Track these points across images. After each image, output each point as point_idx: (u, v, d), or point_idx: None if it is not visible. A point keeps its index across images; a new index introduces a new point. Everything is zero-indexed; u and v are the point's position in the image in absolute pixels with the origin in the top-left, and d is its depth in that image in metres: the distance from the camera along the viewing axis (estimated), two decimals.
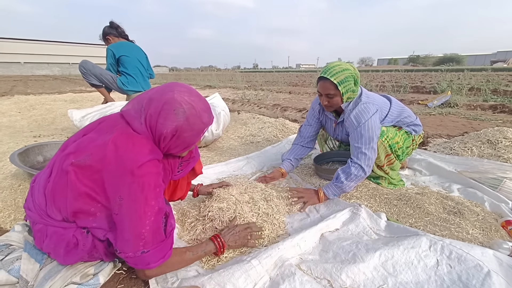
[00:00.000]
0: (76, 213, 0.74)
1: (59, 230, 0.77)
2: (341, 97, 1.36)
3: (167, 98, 0.75)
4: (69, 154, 0.75)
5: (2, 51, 32.26)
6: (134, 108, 0.78)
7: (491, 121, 3.32)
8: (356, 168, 1.32)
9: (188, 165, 1.00)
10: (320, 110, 1.65)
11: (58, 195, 0.74)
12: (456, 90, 5.39)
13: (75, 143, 0.78)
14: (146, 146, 0.74)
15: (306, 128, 1.71)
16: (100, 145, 0.73)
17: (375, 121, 1.35)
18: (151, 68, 3.14)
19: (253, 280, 0.82)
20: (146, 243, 0.72)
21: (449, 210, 1.25)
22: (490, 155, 1.83)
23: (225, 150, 2.39)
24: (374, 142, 1.34)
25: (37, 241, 0.81)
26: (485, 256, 0.86)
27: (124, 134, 0.74)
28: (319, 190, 1.38)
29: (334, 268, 0.86)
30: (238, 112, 4.20)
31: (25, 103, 4.77)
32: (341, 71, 1.32)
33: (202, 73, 18.33)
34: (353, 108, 1.40)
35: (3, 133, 2.81)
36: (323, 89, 1.37)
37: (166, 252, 0.77)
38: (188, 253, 0.87)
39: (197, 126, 0.79)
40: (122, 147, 0.71)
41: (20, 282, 0.79)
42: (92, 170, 0.71)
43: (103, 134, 0.76)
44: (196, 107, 0.78)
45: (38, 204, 0.79)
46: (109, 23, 2.82)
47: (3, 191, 1.43)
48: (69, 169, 0.72)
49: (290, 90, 7.72)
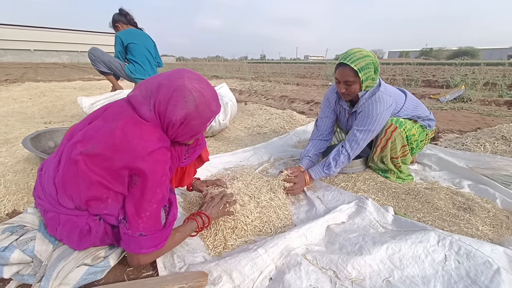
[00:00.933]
0: (88, 201, 0.75)
1: (72, 218, 0.78)
2: (360, 85, 1.33)
3: (177, 85, 0.74)
4: (76, 143, 0.74)
5: (13, 38, 32.63)
6: (142, 94, 0.77)
7: (505, 117, 3.21)
8: (345, 156, 1.39)
9: (195, 152, 1.00)
10: (336, 100, 1.61)
11: (69, 184, 0.74)
12: (470, 84, 5.21)
13: (82, 131, 0.78)
14: (154, 134, 0.74)
15: (323, 121, 1.66)
16: (108, 133, 0.72)
17: (385, 117, 1.36)
18: (159, 57, 3.12)
19: (259, 268, 0.83)
20: (144, 227, 0.73)
21: (458, 206, 1.23)
22: (504, 151, 1.78)
23: (232, 141, 2.39)
24: (371, 136, 1.39)
25: (50, 229, 0.83)
26: (495, 253, 0.84)
27: (131, 121, 0.74)
28: (306, 175, 1.42)
29: (340, 259, 0.86)
30: (245, 103, 4.18)
31: (36, 90, 4.85)
32: (362, 57, 1.27)
33: (209, 64, 18.21)
34: (369, 97, 1.37)
35: (15, 119, 2.87)
36: (342, 75, 1.32)
37: (160, 242, 0.77)
38: (177, 234, 0.87)
39: (206, 114, 0.79)
40: (131, 134, 0.71)
41: (34, 261, 0.81)
42: (102, 158, 0.71)
43: (109, 121, 0.75)
44: (205, 95, 0.77)
45: (48, 193, 0.79)
46: (119, 10, 2.81)
47: (16, 174, 1.46)
48: (78, 158, 0.71)
49: (298, 82, 7.62)
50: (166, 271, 0.86)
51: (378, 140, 1.43)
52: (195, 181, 1.26)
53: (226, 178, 1.35)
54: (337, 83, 1.40)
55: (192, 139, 0.86)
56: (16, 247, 0.80)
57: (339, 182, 1.48)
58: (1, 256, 0.78)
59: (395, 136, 1.38)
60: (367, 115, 1.36)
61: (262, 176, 1.43)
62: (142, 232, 0.73)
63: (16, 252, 0.80)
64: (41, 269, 0.79)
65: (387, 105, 1.34)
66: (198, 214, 0.97)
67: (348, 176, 1.52)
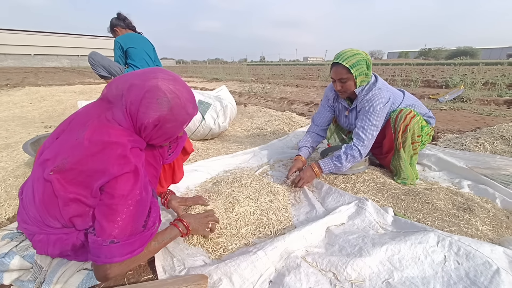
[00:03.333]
0: (71, 218, 0.71)
1: (62, 236, 0.75)
2: (354, 81, 1.38)
3: (150, 85, 0.70)
4: (46, 161, 0.70)
5: (14, 43, 32.80)
6: (113, 94, 0.72)
7: (505, 116, 3.22)
8: (356, 151, 1.39)
9: (178, 146, 0.98)
10: (334, 98, 1.65)
11: (49, 205, 0.70)
12: (469, 84, 5.22)
13: (49, 148, 0.73)
14: (123, 136, 0.70)
15: (321, 115, 1.71)
16: (75, 145, 0.68)
17: (385, 111, 1.39)
18: (158, 60, 3.14)
19: (259, 271, 0.83)
20: (119, 232, 0.66)
21: (458, 206, 1.23)
22: (503, 151, 1.78)
23: (231, 143, 2.40)
24: (376, 131, 1.40)
25: (39, 251, 0.78)
26: (494, 253, 0.84)
27: (98, 127, 0.69)
28: (313, 165, 1.44)
29: (340, 261, 0.86)
30: (244, 105, 4.19)
31: (36, 94, 4.87)
32: (352, 55, 1.35)
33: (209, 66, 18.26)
34: (367, 92, 1.41)
35: (16, 123, 2.88)
36: (336, 74, 1.40)
37: (136, 248, 0.70)
38: (153, 243, 0.80)
39: (181, 117, 0.75)
40: (99, 141, 0.67)
41: (34, 267, 0.82)
42: (74, 173, 0.67)
43: (76, 132, 0.71)
44: (181, 96, 0.73)
45: (33, 216, 0.74)
46: (117, 15, 2.82)
47: (17, 179, 1.47)
48: (51, 178, 0.67)
49: (297, 84, 7.64)
50: (166, 275, 0.86)
51: (398, 126, 1.40)
52: (171, 196, 1.15)
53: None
54: (333, 82, 1.47)
55: (166, 141, 0.83)
56: (16, 253, 0.81)
57: (339, 183, 1.49)
58: (1, 262, 0.79)
59: (414, 123, 1.39)
60: (367, 111, 1.40)
61: (262, 178, 1.43)
62: (114, 239, 0.66)
63: (16, 258, 0.80)
64: (41, 275, 0.80)
65: (386, 100, 1.38)
66: (180, 221, 0.92)
67: (347, 177, 1.52)
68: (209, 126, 2.35)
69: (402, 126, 1.40)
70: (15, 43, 32.89)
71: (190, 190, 1.47)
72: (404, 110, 1.41)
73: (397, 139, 1.44)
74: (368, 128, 1.39)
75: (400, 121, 1.40)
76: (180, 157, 1.10)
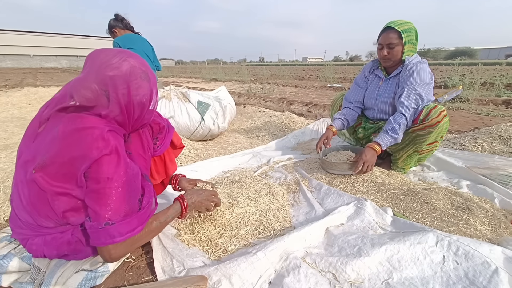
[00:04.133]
0: (65, 213, 0.71)
1: (57, 235, 0.75)
2: (402, 48, 1.43)
3: (126, 69, 0.73)
4: (26, 163, 0.70)
5: (12, 43, 32.72)
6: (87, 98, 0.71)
7: (503, 116, 3.23)
8: (404, 119, 1.39)
9: (165, 137, 1.01)
10: (371, 69, 1.71)
11: (38, 204, 0.70)
12: (468, 84, 5.24)
13: (27, 150, 0.73)
14: (100, 123, 0.70)
15: (351, 93, 1.77)
16: (51, 141, 0.68)
17: (428, 88, 1.41)
18: (157, 60, 3.13)
19: (259, 272, 0.83)
20: (113, 214, 0.67)
21: (457, 206, 1.23)
22: (502, 151, 1.79)
23: (230, 143, 2.40)
24: (420, 102, 1.39)
25: (36, 254, 0.78)
26: (493, 253, 0.84)
27: (71, 119, 0.69)
28: (373, 145, 1.41)
29: (339, 261, 0.86)
30: (244, 106, 4.19)
31: (35, 95, 4.86)
32: (404, 23, 1.43)
33: (208, 66, 18.26)
34: (417, 62, 1.45)
35: (14, 124, 2.88)
36: (385, 39, 1.45)
37: (135, 227, 0.72)
38: (154, 223, 0.81)
39: (153, 78, 0.80)
40: (73, 130, 0.67)
41: (33, 269, 0.81)
42: (55, 167, 0.67)
43: (51, 130, 0.70)
44: (144, 63, 0.79)
45: (25, 220, 0.74)
46: (114, 16, 2.82)
47: None
48: (34, 177, 0.67)
49: (297, 84, 7.65)
50: (166, 276, 0.86)
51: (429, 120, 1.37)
52: (181, 178, 1.18)
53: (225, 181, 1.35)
54: (379, 50, 1.50)
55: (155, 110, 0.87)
56: (14, 255, 0.81)
57: (338, 184, 1.49)
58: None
59: (444, 122, 1.38)
60: (414, 81, 1.40)
61: (261, 179, 1.44)
62: (109, 221, 0.67)
63: (15, 260, 0.80)
64: (40, 276, 0.79)
65: (430, 77, 1.43)
66: (181, 198, 0.92)
67: (346, 178, 1.52)
68: (209, 126, 2.35)
69: (433, 120, 1.36)
70: (14, 43, 32.83)
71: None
72: (439, 106, 1.38)
73: (417, 126, 1.41)
74: (413, 97, 1.39)
75: (434, 115, 1.36)
76: (171, 151, 1.12)
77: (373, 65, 1.71)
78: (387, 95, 1.58)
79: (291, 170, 1.70)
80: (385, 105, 1.59)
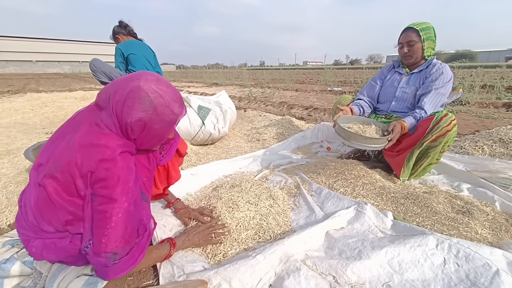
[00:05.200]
0: (66, 222, 0.72)
1: (55, 240, 0.75)
2: (422, 46, 1.53)
3: (132, 86, 0.72)
4: (39, 166, 0.72)
5: (15, 49, 33.10)
6: (102, 98, 0.75)
7: (504, 119, 3.23)
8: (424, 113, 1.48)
9: (171, 147, 0.99)
10: (390, 68, 1.80)
11: (43, 209, 0.71)
12: (468, 87, 5.25)
13: (43, 154, 0.74)
14: (113, 140, 0.71)
15: (366, 88, 1.85)
16: (65, 149, 0.69)
17: (448, 87, 1.53)
18: (159, 66, 3.17)
19: (259, 275, 0.84)
20: (114, 244, 0.68)
21: (457, 209, 1.23)
22: (502, 154, 1.79)
23: (231, 148, 2.41)
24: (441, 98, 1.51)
25: (36, 256, 0.78)
26: (494, 256, 0.84)
27: (88, 132, 0.71)
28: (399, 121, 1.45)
29: (340, 264, 0.86)
30: (244, 110, 4.21)
31: (37, 101, 4.90)
32: (422, 22, 1.54)
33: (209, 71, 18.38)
34: (438, 62, 1.57)
35: (17, 129, 2.90)
36: (405, 37, 1.56)
37: (137, 257, 0.73)
38: (154, 251, 0.85)
39: (167, 116, 0.76)
40: (88, 143, 0.68)
41: (34, 273, 0.82)
42: (65, 176, 0.67)
43: (67, 136, 0.72)
44: (164, 96, 0.74)
45: (30, 221, 0.75)
46: (118, 23, 2.88)
47: (18, 185, 1.48)
48: (44, 182, 0.68)
49: (297, 88, 7.68)
50: (166, 281, 0.86)
51: (439, 128, 1.36)
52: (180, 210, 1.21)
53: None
54: (400, 48, 1.60)
55: (158, 144, 0.84)
56: (17, 259, 0.81)
57: (338, 187, 1.49)
58: (2, 268, 0.79)
59: (454, 131, 1.37)
60: (437, 77, 1.51)
61: (261, 183, 1.44)
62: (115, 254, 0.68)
63: (17, 264, 0.81)
64: (41, 281, 0.80)
65: (450, 76, 1.53)
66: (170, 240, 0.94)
67: (347, 182, 1.53)
68: (209, 131, 2.36)
69: (443, 129, 1.35)
70: (17, 49, 33.22)
71: (190, 195, 1.47)
72: (450, 115, 1.37)
73: (428, 138, 1.39)
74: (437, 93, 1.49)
75: (444, 124, 1.34)
76: (175, 159, 1.12)
77: (393, 64, 1.80)
78: (409, 87, 1.65)
79: (291, 174, 1.71)
80: (406, 96, 1.65)
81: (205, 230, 1.04)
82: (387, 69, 1.83)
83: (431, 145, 1.42)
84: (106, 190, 0.67)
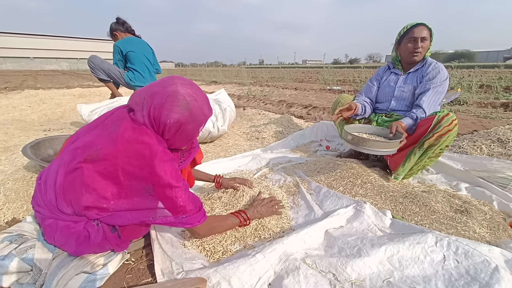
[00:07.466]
0: (86, 207, 0.76)
1: (70, 223, 0.79)
2: (429, 44, 1.55)
3: (171, 90, 0.78)
4: (76, 149, 0.78)
5: (13, 46, 32.81)
6: (135, 101, 0.81)
7: (502, 119, 3.24)
8: (422, 113, 1.49)
9: (190, 155, 1.03)
10: (386, 69, 1.82)
11: (69, 190, 0.76)
12: (466, 87, 5.27)
13: (82, 138, 0.81)
14: (153, 137, 0.78)
15: (366, 89, 1.86)
16: (109, 139, 0.76)
17: (445, 86, 1.55)
18: (157, 63, 3.16)
19: (258, 274, 0.84)
20: (185, 212, 0.82)
21: (456, 208, 1.24)
22: (500, 154, 1.80)
23: (230, 146, 2.41)
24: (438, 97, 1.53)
25: (48, 236, 0.84)
26: (492, 253, 0.86)
27: (130, 126, 0.78)
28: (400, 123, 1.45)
29: (339, 262, 0.87)
30: (243, 108, 4.20)
31: (35, 98, 4.86)
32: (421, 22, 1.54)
33: (208, 69, 18.33)
34: (437, 63, 1.58)
35: (15, 126, 2.88)
36: (419, 32, 1.52)
37: (200, 219, 0.89)
38: (229, 220, 1.03)
39: (199, 118, 0.83)
40: (132, 139, 0.75)
41: (34, 270, 0.82)
42: (105, 164, 0.74)
43: (109, 128, 0.79)
44: (198, 99, 0.82)
45: (48, 199, 0.80)
46: (116, 19, 2.85)
47: (16, 182, 1.47)
48: (81, 166, 0.74)
49: (296, 86, 7.67)
50: (165, 278, 0.86)
51: (441, 128, 1.36)
52: (222, 179, 1.35)
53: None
54: (411, 43, 1.56)
55: (187, 143, 0.91)
56: (15, 256, 0.81)
57: (337, 186, 1.49)
58: (0, 264, 0.78)
59: (454, 131, 1.38)
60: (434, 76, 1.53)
61: (260, 181, 1.44)
62: (183, 215, 0.83)
63: (15, 261, 0.80)
64: (41, 278, 0.80)
65: (446, 75, 1.55)
66: (240, 213, 1.08)
67: (346, 180, 1.53)
68: (208, 129, 2.35)
69: (445, 129, 1.35)
70: (14, 46, 32.91)
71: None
72: (452, 114, 1.38)
73: (429, 137, 1.38)
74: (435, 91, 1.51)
75: (445, 123, 1.35)
76: (189, 166, 1.13)
77: (388, 65, 1.81)
78: (406, 86, 1.66)
79: (290, 173, 1.71)
80: (405, 95, 1.66)
81: (269, 203, 1.18)
82: (383, 70, 1.84)
83: (432, 143, 1.42)
84: (162, 180, 0.76)
